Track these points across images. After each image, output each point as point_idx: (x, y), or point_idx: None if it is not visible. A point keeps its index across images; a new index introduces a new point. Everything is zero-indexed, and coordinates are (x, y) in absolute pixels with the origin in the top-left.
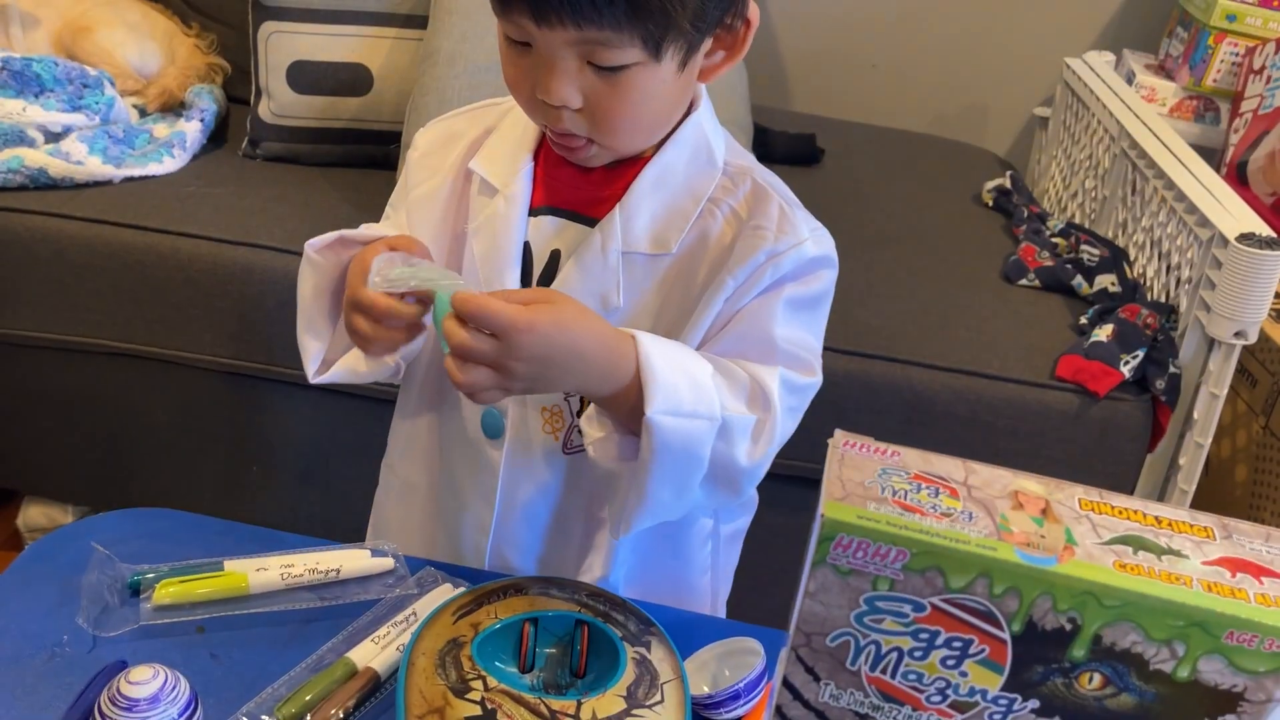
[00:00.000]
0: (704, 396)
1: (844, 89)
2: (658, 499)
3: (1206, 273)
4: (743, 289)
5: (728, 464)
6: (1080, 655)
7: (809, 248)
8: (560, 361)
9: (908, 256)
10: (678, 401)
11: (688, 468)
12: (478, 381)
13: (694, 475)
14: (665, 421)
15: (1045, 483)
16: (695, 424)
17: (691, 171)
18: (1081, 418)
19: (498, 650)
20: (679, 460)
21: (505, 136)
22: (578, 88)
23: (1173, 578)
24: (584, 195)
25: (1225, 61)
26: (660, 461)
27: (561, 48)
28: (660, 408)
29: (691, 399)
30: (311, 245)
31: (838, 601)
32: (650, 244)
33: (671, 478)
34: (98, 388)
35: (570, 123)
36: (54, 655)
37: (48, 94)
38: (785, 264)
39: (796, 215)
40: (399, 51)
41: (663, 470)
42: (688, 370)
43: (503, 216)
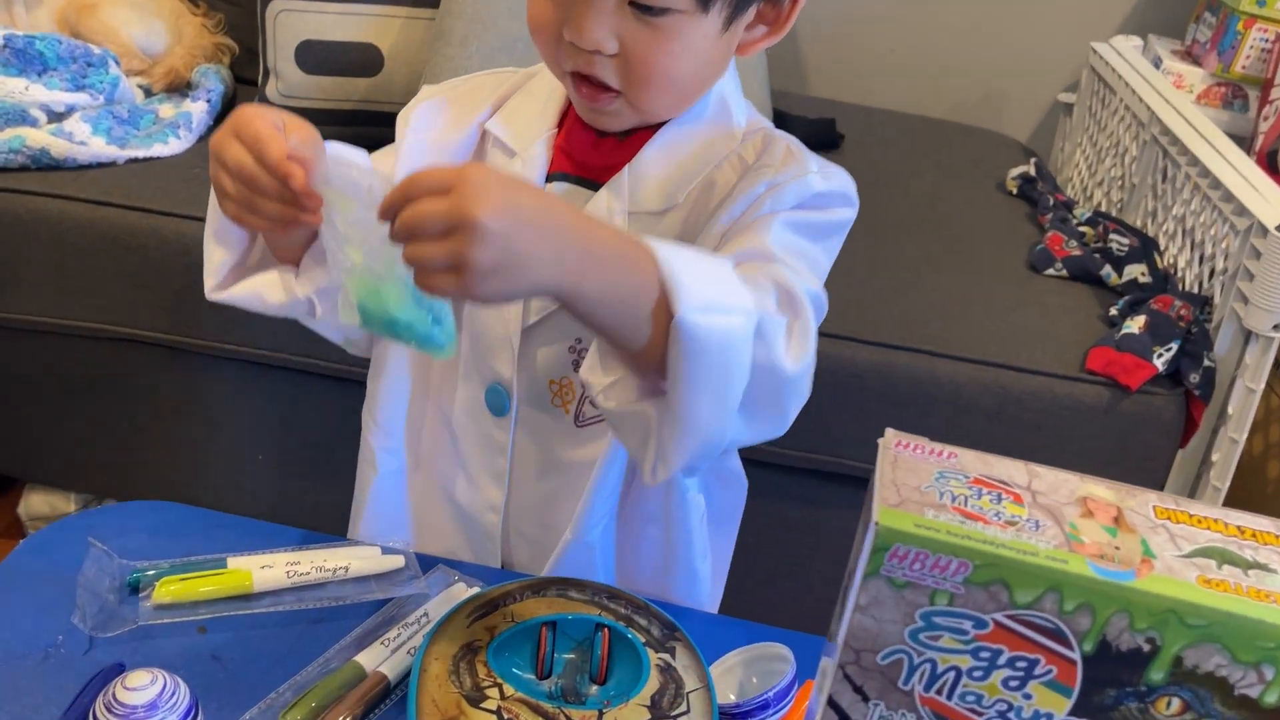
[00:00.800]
0: (734, 290)
1: (863, 73)
2: (696, 419)
3: (1244, 263)
4: (741, 219)
5: (770, 370)
6: (1159, 678)
7: (814, 180)
8: (530, 219)
9: (930, 245)
10: (707, 296)
11: (727, 375)
12: (429, 255)
13: (734, 385)
14: (698, 320)
15: (1115, 488)
16: (730, 320)
17: (708, 137)
18: (1112, 412)
19: (514, 655)
20: (716, 366)
21: (528, 101)
22: (613, 31)
23: (1261, 595)
24: (599, 162)
25: (1255, 48)
26: (696, 370)
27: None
28: (690, 304)
29: (721, 293)
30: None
31: (891, 616)
32: (658, 202)
33: (710, 389)
34: (100, 373)
35: (601, 69)
36: (48, 656)
37: (51, 73)
38: (786, 194)
39: (804, 154)
40: (410, 31)
41: (700, 381)
42: (710, 265)
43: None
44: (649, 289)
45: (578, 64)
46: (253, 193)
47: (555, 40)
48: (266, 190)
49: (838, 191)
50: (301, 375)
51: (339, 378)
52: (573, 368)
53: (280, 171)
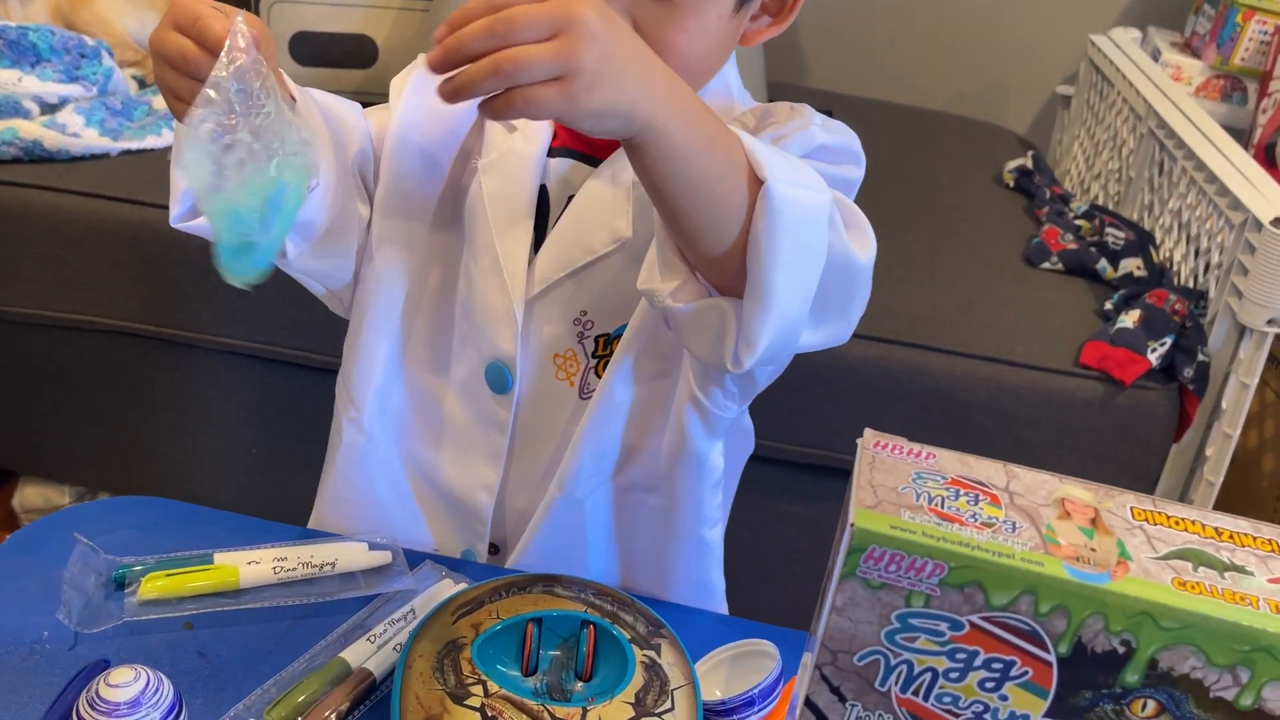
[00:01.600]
0: (810, 174)
1: (861, 65)
2: (782, 295)
3: (1239, 257)
4: None
5: (843, 257)
6: (1134, 680)
7: (817, 132)
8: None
9: (926, 238)
10: (791, 174)
11: (810, 251)
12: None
13: (815, 263)
14: (786, 191)
15: (1094, 489)
16: (815, 196)
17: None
18: (1106, 406)
19: (499, 652)
20: (801, 239)
21: None
22: (628, 11)
23: (1237, 597)
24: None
25: (1254, 40)
26: (784, 241)
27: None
28: (778, 175)
29: (801, 174)
30: None
31: (867, 618)
32: None
33: (796, 263)
34: (94, 366)
35: None
36: (33, 653)
37: (44, 64)
38: (790, 145)
39: (807, 109)
40: (404, 22)
41: (788, 252)
42: (785, 153)
43: (520, 155)
44: (734, 154)
45: None
46: (199, 80)
47: None
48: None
49: (843, 147)
50: (295, 368)
51: (333, 371)
52: (577, 339)
53: (212, 43)
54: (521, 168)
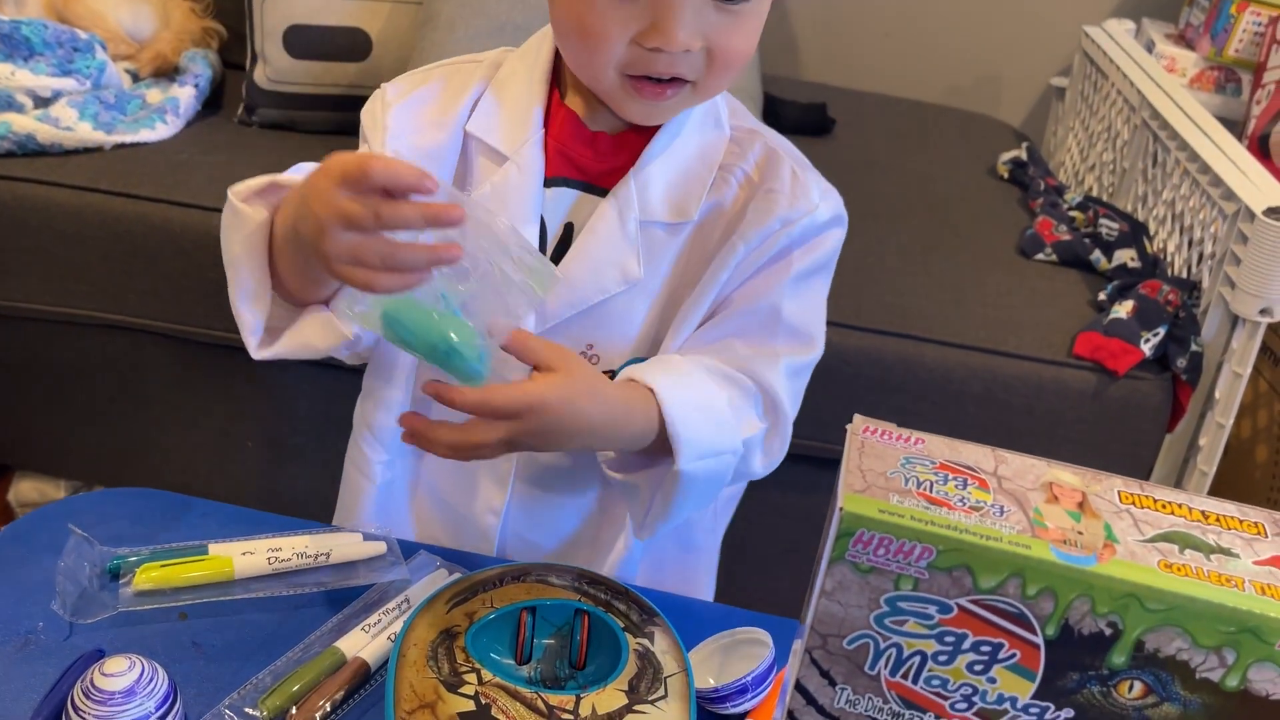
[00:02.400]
0: (726, 433)
1: (856, 58)
2: (681, 514)
3: (1231, 248)
4: (754, 255)
5: (744, 474)
6: (1120, 662)
7: (821, 213)
8: (569, 431)
9: (921, 230)
10: (702, 447)
11: (711, 492)
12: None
13: (716, 492)
14: (694, 467)
15: (1081, 473)
16: (721, 460)
17: (701, 137)
18: (1100, 396)
19: (493, 641)
20: (703, 489)
21: (506, 98)
22: (699, 31)
23: (1223, 579)
24: (597, 166)
25: (1248, 31)
26: (688, 494)
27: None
28: (688, 457)
29: (716, 438)
30: (237, 193)
31: (857, 601)
32: (670, 212)
33: (697, 502)
34: (88, 360)
35: (684, 66)
36: (28, 643)
37: (37, 58)
38: (796, 231)
39: (808, 178)
40: (398, 15)
41: (690, 499)
42: (709, 409)
43: (516, 187)
44: (651, 433)
45: (654, 67)
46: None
47: (619, 46)
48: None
49: (836, 217)
50: (290, 362)
51: (328, 365)
52: None
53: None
54: (520, 201)
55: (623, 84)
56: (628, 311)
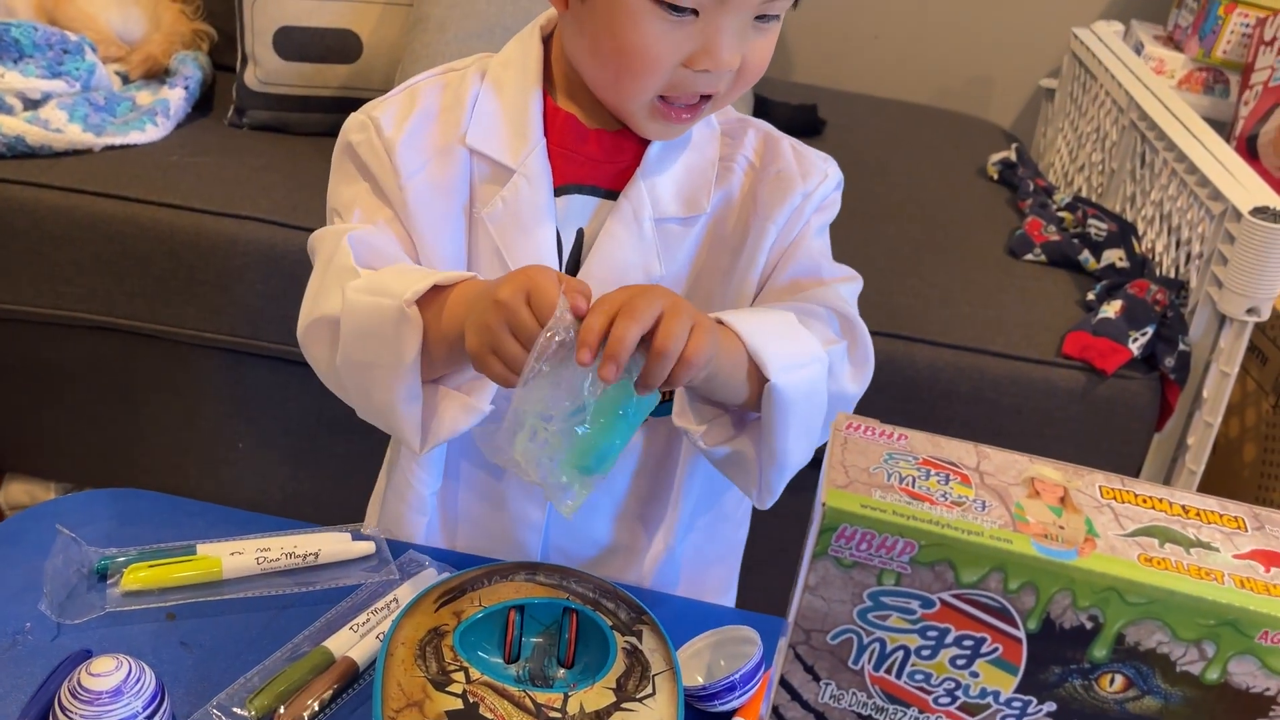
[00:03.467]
0: (805, 341)
1: (846, 59)
2: (791, 455)
3: (1219, 248)
4: (784, 232)
5: (839, 397)
6: (1101, 656)
7: (832, 178)
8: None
9: (911, 230)
10: (787, 356)
11: (811, 414)
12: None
13: (818, 418)
14: (786, 380)
15: (1063, 469)
16: (810, 369)
17: (696, 131)
18: (1088, 396)
19: (481, 639)
20: (803, 410)
21: (501, 108)
22: (740, 49)
23: (1202, 573)
24: (602, 170)
25: (1235, 33)
26: (789, 418)
27: (746, 11)
28: (778, 367)
29: (797, 349)
30: (408, 300)
31: (840, 596)
32: (682, 207)
33: (801, 429)
34: (78, 362)
35: (720, 83)
36: (15, 643)
37: (27, 60)
38: (816, 198)
39: (806, 150)
40: (389, 17)
41: (793, 425)
42: (780, 324)
43: (528, 200)
44: (742, 358)
45: (693, 87)
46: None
47: (668, 70)
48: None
49: (840, 179)
50: (280, 363)
51: None
52: None
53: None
54: (534, 214)
55: (654, 106)
56: None
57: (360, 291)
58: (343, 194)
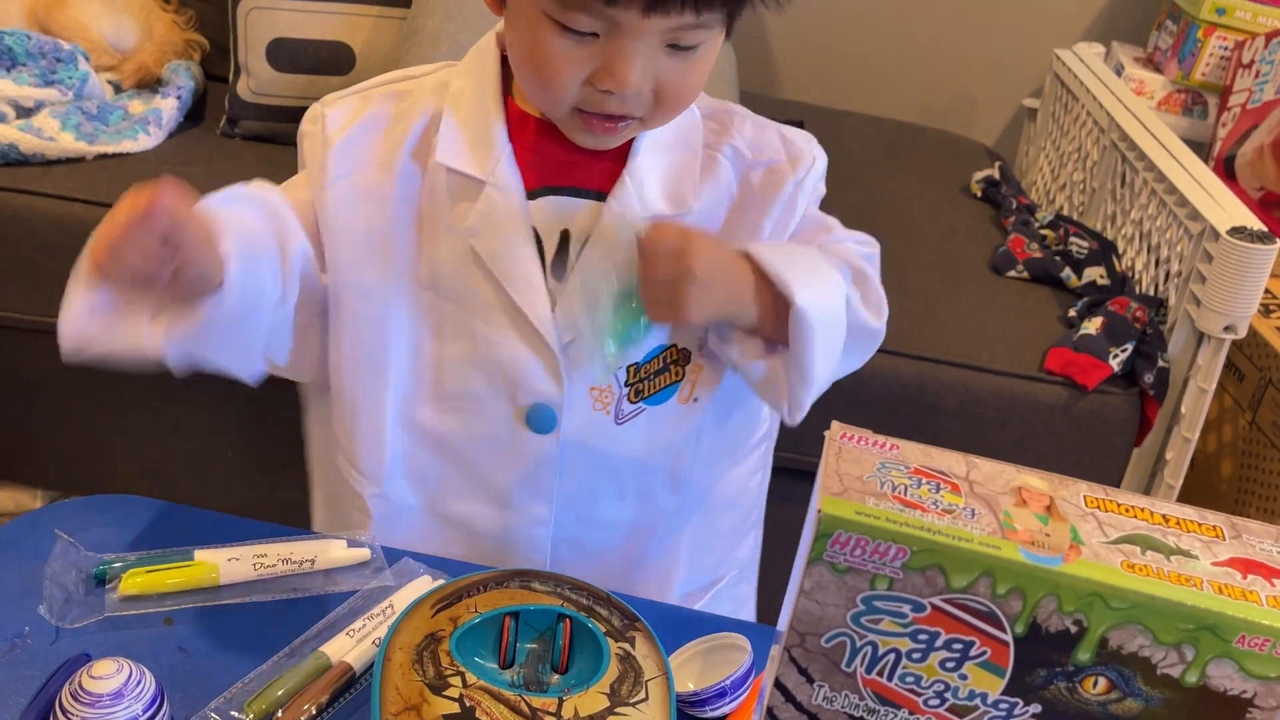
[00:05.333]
0: (827, 273)
1: (833, 77)
2: (817, 374)
3: (1197, 266)
4: (779, 223)
5: (861, 327)
6: (1085, 659)
7: (819, 161)
8: (720, 262)
9: (896, 246)
10: (812, 286)
11: (835, 337)
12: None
13: (839, 341)
14: (811, 304)
15: (1049, 479)
16: (834, 297)
17: (677, 125)
18: (1070, 410)
19: (477, 645)
20: (827, 334)
21: (465, 120)
22: (650, 73)
23: (1182, 579)
24: (579, 172)
25: (1214, 55)
26: (815, 341)
27: (649, 35)
28: (802, 295)
29: (820, 276)
30: None
31: (834, 600)
32: (668, 204)
33: (826, 351)
34: (67, 369)
35: (632, 105)
36: (15, 647)
37: (19, 68)
38: (807, 186)
39: (791, 134)
40: (382, 29)
41: (819, 347)
42: (800, 254)
43: (501, 207)
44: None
45: (605, 107)
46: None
47: (573, 86)
48: None
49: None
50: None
51: None
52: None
53: None
54: (510, 221)
55: (574, 116)
56: None
57: None
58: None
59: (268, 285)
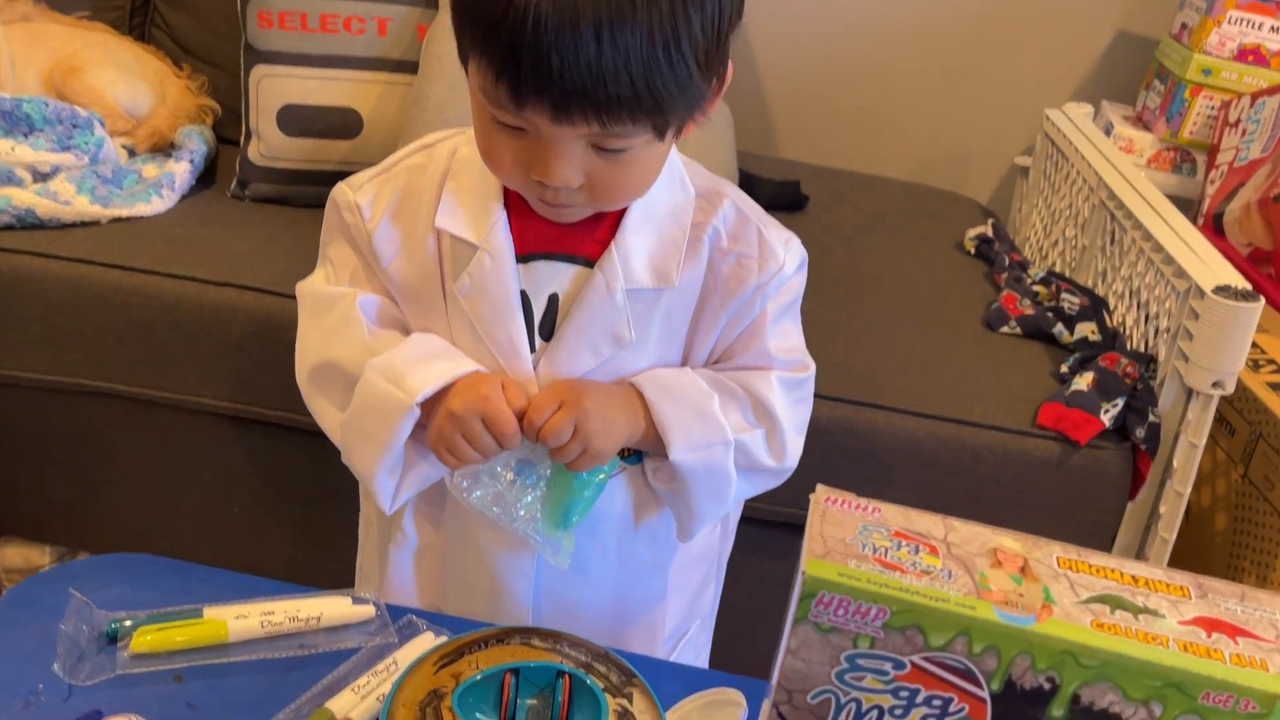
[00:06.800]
0: (713, 425)
1: (828, 137)
2: (704, 511)
3: (1184, 323)
4: (734, 320)
5: (759, 469)
6: (1059, 715)
7: (788, 267)
8: (604, 404)
9: (890, 302)
10: (692, 439)
11: (718, 485)
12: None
13: (726, 488)
14: (686, 458)
15: (1024, 540)
16: (712, 452)
17: (671, 201)
18: (1063, 466)
19: (479, 701)
20: (708, 482)
21: (465, 187)
22: (580, 168)
23: (1149, 637)
24: (572, 240)
25: (1201, 114)
26: (694, 487)
27: (571, 139)
28: (680, 448)
29: (703, 431)
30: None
31: (819, 659)
32: (652, 278)
33: (708, 496)
34: (78, 427)
35: (567, 195)
36: (29, 704)
37: (37, 134)
38: (770, 289)
39: (771, 235)
40: (389, 96)
41: (698, 493)
42: (694, 406)
43: (491, 272)
44: (653, 429)
45: (542, 195)
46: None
47: (515, 174)
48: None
49: (800, 265)
50: (277, 429)
51: (314, 431)
52: None
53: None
54: (498, 283)
55: (527, 193)
56: (621, 372)
57: (377, 373)
58: (336, 252)
59: None
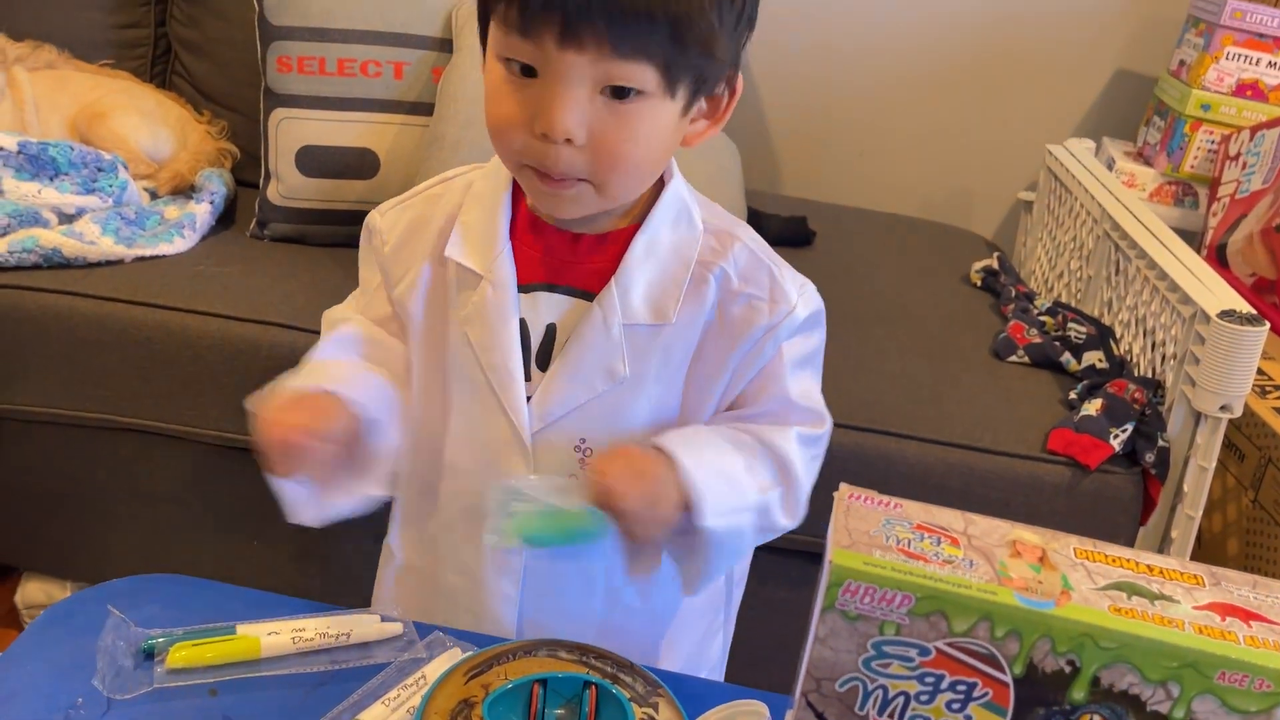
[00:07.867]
0: (742, 491)
1: (834, 174)
2: (717, 570)
3: (1190, 349)
4: (745, 363)
5: (770, 529)
6: (1080, 697)
7: (799, 312)
8: (651, 475)
9: (899, 334)
10: (722, 505)
11: (737, 548)
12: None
13: (742, 545)
14: (717, 524)
15: (1041, 533)
16: (740, 517)
17: (676, 237)
18: (1073, 490)
19: (508, 710)
20: (729, 546)
21: (475, 217)
22: (584, 120)
23: (1165, 621)
24: (574, 272)
25: (1201, 148)
26: (715, 554)
27: (577, 74)
28: (711, 514)
29: (733, 498)
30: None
31: (846, 646)
32: (650, 314)
33: (727, 556)
34: (101, 463)
35: (568, 163)
36: (69, 717)
37: (63, 177)
38: (781, 332)
39: (784, 277)
40: (405, 136)
41: (718, 558)
42: (723, 472)
43: (492, 300)
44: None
45: (544, 160)
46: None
47: (520, 136)
48: None
49: (815, 314)
50: None
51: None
52: (578, 463)
53: None
54: (498, 313)
55: (526, 174)
56: (617, 407)
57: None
58: (364, 273)
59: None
